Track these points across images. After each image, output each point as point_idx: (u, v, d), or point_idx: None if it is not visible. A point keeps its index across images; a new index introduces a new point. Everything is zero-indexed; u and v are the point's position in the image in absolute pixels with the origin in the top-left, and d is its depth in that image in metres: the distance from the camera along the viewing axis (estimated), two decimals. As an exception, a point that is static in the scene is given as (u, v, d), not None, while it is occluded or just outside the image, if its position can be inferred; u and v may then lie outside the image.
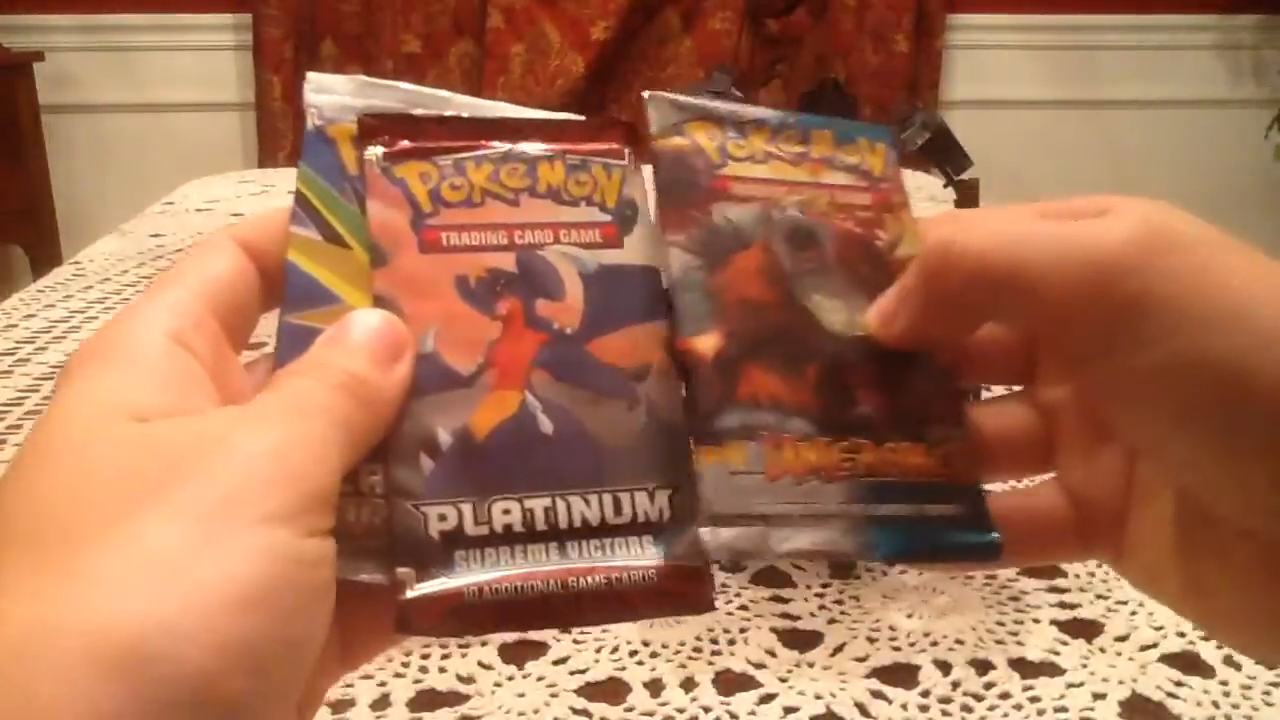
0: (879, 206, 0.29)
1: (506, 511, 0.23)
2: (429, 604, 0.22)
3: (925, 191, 1.61)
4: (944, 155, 0.66)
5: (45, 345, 1.02)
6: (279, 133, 2.65)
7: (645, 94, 0.29)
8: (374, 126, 0.26)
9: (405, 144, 0.26)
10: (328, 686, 0.25)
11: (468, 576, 0.23)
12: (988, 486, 0.28)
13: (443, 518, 0.23)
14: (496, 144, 0.27)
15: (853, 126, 0.30)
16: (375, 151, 0.26)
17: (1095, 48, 2.82)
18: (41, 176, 2.54)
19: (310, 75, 0.27)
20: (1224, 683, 0.53)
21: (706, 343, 0.26)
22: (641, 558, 0.24)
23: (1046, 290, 0.22)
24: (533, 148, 0.27)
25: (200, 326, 0.24)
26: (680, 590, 0.24)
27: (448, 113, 0.27)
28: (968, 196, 0.67)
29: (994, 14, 2.79)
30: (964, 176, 0.67)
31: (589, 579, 0.23)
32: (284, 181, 1.79)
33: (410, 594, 0.23)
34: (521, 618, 0.23)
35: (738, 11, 2.68)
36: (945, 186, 0.68)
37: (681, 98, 0.29)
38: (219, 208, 1.60)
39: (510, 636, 0.55)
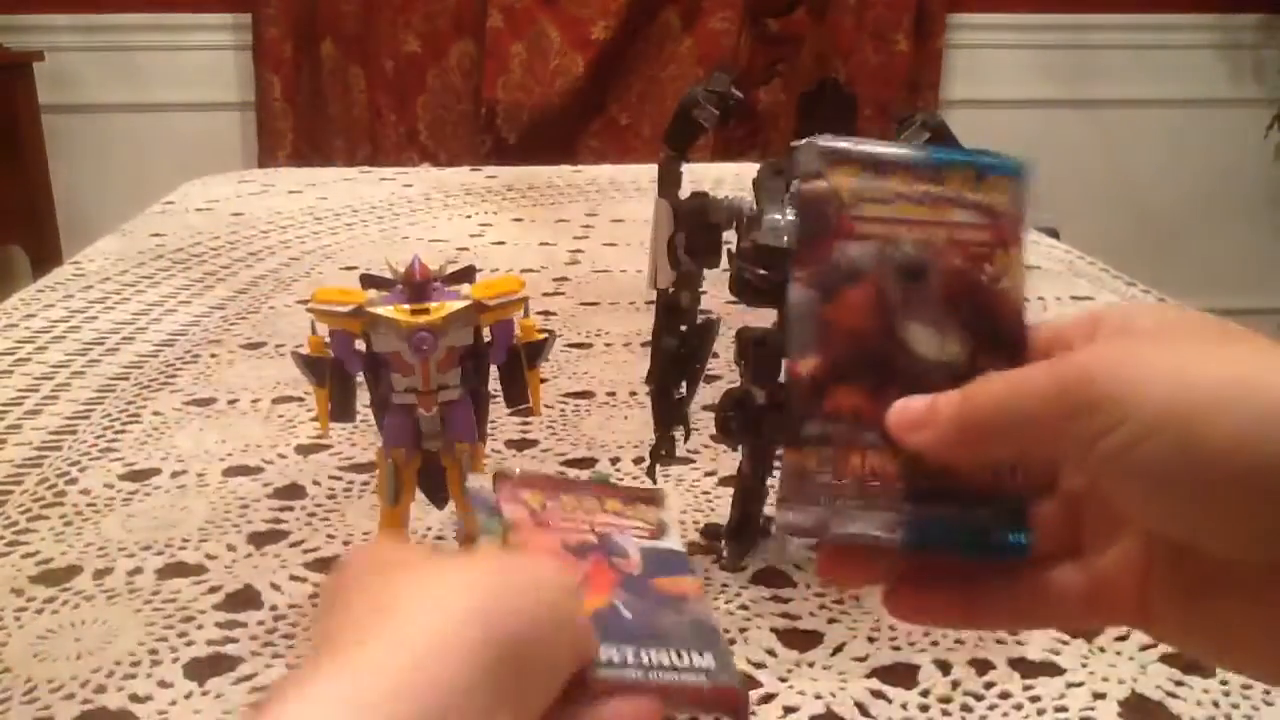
0: (994, 243, 0.33)
1: (609, 651, 0.31)
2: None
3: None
4: (944, 155, 0.65)
5: (45, 345, 1.02)
6: (279, 132, 2.65)
7: (795, 143, 0.34)
8: (512, 483, 0.34)
9: (525, 491, 0.34)
10: None
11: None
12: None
13: None
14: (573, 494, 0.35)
15: (989, 163, 0.34)
16: (510, 469, 0.34)
17: (1095, 47, 2.82)
18: (41, 176, 2.53)
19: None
20: (1224, 682, 0.53)
21: (806, 365, 0.32)
22: (695, 681, 0.31)
23: (1037, 429, 0.29)
24: (605, 508, 0.36)
25: None
26: (719, 700, 0.31)
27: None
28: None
29: (994, 14, 2.79)
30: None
31: (663, 682, 0.31)
32: (284, 181, 1.79)
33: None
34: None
35: (738, 11, 2.67)
36: (945, 186, 0.67)
37: (826, 143, 0.33)
38: (219, 208, 1.60)
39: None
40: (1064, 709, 0.52)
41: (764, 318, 0.55)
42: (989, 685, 0.53)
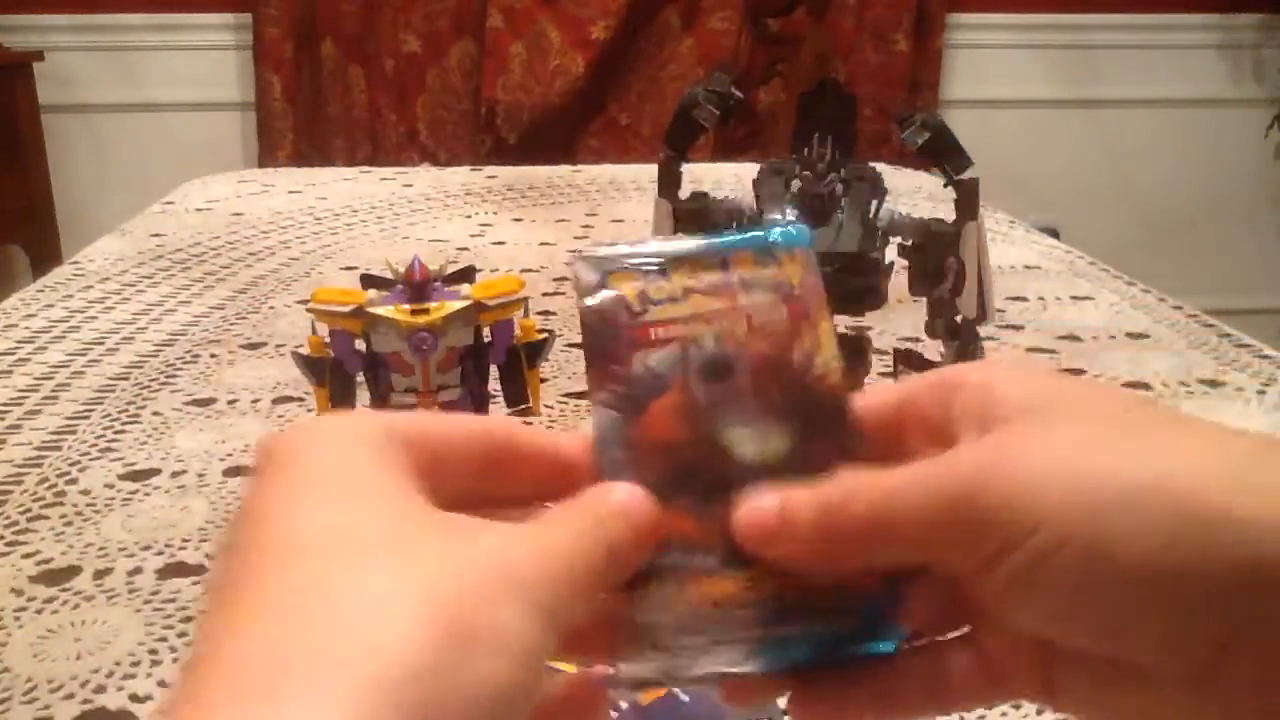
0: (795, 319, 0.30)
1: None
2: None
3: (925, 191, 1.61)
4: (944, 155, 0.65)
5: (45, 345, 1.02)
6: (279, 132, 2.65)
7: (570, 255, 0.31)
8: None
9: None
10: None
11: None
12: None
13: None
14: None
15: (772, 239, 0.31)
16: None
17: (1095, 47, 2.82)
18: (41, 176, 2.53)
19: None
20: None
21: None
22: None
23: (919, 546, 0.26)
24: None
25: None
26: None
27: None
28: (967, 196, 0.67)
29: (994, 13, 2.79)
30: (964, 176, 0.67)
31: None
32: (284, 181, 1.79)
33: None
34: None
35: (738, 11, 2.67)
36: (945, 186, 0.68)
37: (603, 251, 0.31)
38: (219, 208, 1.60)
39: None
40: (1064, 709, 0.52)
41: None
42: (989, 685, 0.53)
